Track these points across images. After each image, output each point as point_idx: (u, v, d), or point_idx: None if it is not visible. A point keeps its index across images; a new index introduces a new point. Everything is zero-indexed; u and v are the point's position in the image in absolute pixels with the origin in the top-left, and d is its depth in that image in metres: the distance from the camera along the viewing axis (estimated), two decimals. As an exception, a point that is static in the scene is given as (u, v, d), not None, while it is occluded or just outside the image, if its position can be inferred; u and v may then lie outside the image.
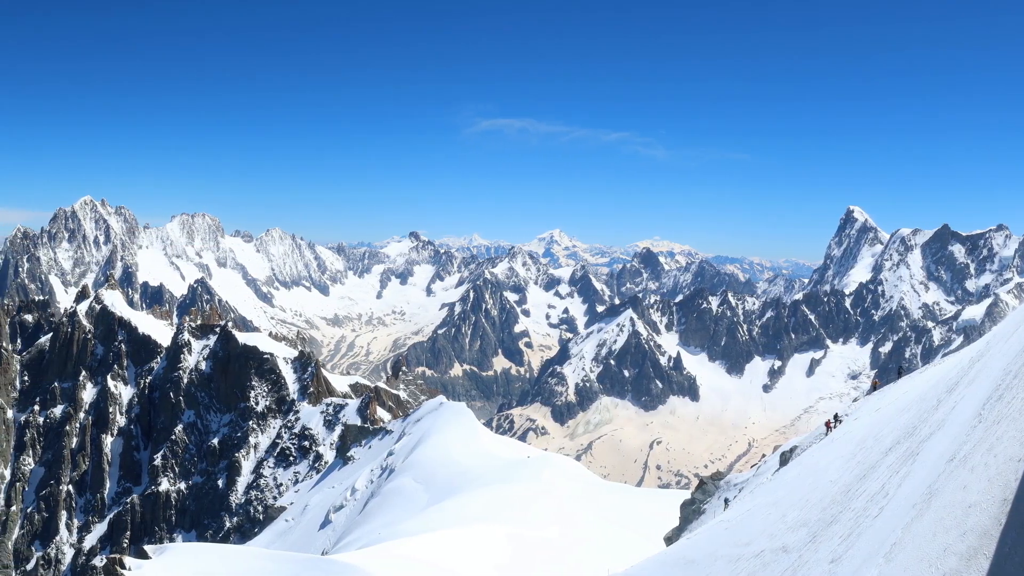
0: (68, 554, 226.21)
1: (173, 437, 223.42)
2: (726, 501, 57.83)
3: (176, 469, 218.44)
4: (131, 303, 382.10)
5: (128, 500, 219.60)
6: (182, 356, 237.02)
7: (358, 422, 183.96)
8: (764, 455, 66.97)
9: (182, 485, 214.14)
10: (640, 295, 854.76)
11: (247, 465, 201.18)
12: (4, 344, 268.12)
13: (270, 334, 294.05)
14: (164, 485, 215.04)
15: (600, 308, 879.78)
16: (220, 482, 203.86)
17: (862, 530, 27.81)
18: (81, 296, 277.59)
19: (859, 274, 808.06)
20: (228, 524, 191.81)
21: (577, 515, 75.66)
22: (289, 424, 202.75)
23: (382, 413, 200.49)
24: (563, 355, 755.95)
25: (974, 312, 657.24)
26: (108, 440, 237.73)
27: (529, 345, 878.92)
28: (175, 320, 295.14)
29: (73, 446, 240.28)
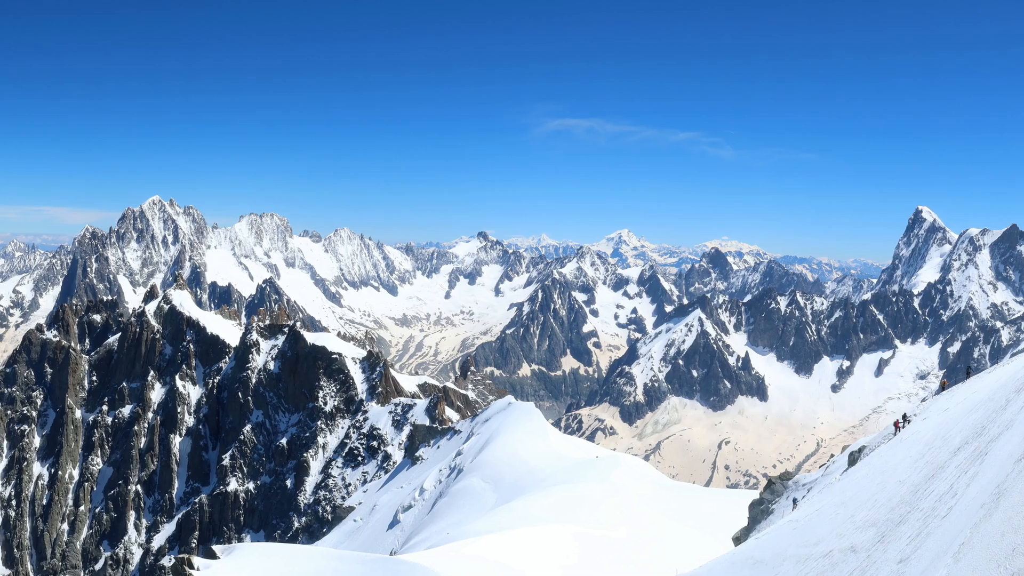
0: (136, 554, 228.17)
1: (241, 437, 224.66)
2: (794, 501, 57.83)
3: (244, 469, 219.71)
4: (199, 303, 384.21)
5: (196, 500, 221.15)
6: (250, 356, 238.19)
7: (426, 422, 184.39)
8: (832, 455, 66.75)
9: (250, 485, 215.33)
10: (708, 295, 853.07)
11: (315, 465, 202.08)
12: (73, 344, 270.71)
13: (338, 334, 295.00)
14: (232, 485, 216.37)
15: (668, 308, 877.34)
16: (288, 482, 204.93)
17: (930, 530, 27.89)
18: (149, 296, 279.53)
19: (927, 274, 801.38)
20: (296, 524, 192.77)
21: (645, 515, 75.78)
22: (357, 424, 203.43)
23: (450, 413, 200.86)
24: (631, 355, 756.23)
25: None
26: (176, 440, 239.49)
27: (597, 345, 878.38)
28: (243, 320, 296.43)
29: (141, 446, 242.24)
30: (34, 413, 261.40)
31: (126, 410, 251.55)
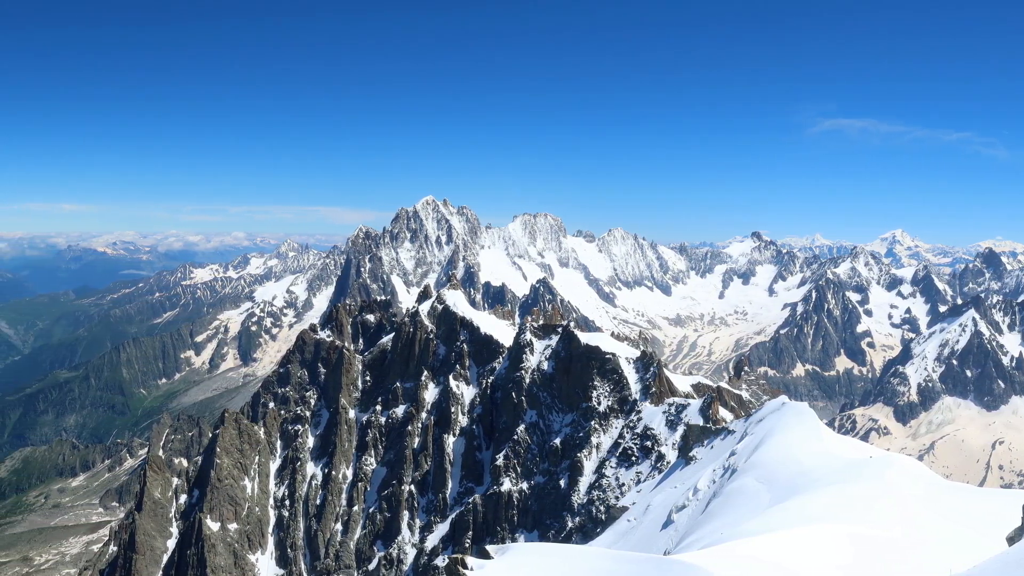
0: (410, 554, 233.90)
1: (515, 437, 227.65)
2: (1071, 501, 57.87)
3: (518, 469, 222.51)
4: (473, 303, 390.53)
5: (470, 500, 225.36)
6: (524, 356, 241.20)
7: (700, 422, 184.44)
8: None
9: (524, 485, 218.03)
10: (982, 295, 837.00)
11: (589, 465, 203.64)
12: (346, 344, 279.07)
13: (612, 334, 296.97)
14: (506, 485, 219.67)
15: (942, 308, 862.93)
16: (562, 482, 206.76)
17: None
18: (423, 296, 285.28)
19: None
20: (570, 524, 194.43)
21: (919, 515, 76.00)
22: (631, 424, 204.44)
23: (724, 413, 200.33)
24: (905, 355, 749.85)
25: None
26: (450, 440, 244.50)
27: (871, 345, 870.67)
28: (517, 320, 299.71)
29: (415, 446, 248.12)
30: (308, 413, 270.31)
31: (400, 410, 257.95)
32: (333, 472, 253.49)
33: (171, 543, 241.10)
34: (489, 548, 79.38)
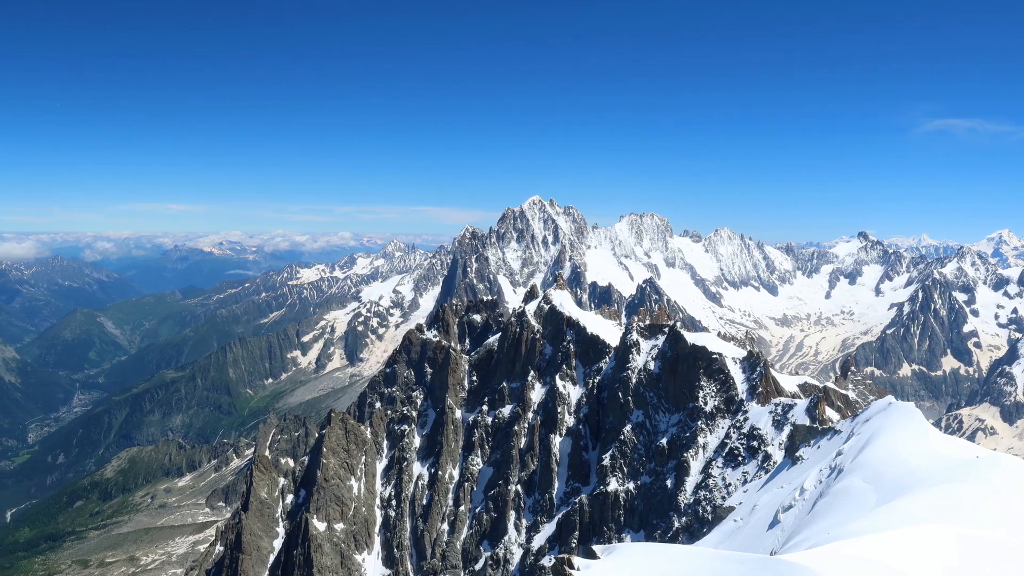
0: (516, 554, 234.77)
1: (621, 437, 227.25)
2: None
3: (624, 469, 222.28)
4: (579, 303, 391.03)
5: (576, 500, 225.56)
6: (630, 356, 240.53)
7: (807, 422, 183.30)
8: None
9: (630, 485, 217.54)
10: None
11: (695, 465, 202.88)
12: (453, 344, 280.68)
13: (718, 334, 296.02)
14: (612, 485, 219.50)
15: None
16: (668, 482, 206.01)
17: None
18: (529, 296, 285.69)
19: None
20: (676, 524, 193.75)
21: (1026, 516, 76.15)
22: (737, 424, 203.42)
23: (831, 413, 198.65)
24: (1012, 355, 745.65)
25: None
26: (556, 440, 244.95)
27: (978, 345, 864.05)
28: (623, 320, 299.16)
29: (521, 446, 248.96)
30: (414, 413, 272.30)
31: (506, 410, 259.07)
32: (439, 472, 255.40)
33: (277, 543, 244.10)
34: (596, 548, 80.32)
